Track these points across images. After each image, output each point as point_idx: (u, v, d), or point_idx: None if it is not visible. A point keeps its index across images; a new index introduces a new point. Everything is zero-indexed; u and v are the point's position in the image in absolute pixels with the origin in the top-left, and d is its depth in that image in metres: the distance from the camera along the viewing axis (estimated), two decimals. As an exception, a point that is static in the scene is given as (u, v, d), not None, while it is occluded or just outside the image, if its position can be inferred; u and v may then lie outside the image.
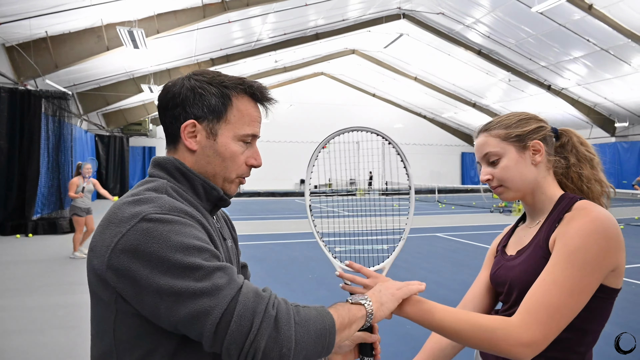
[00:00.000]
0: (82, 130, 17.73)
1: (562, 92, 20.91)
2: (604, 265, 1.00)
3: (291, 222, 12.74)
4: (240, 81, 1.00)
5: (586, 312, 1.03)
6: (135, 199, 0.86)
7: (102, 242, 0.83)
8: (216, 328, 0.77)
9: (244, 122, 0.98)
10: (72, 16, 10.41)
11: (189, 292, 0.77)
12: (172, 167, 0.96)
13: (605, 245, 1.00)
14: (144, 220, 0.81)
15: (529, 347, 0.96)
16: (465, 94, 25.12)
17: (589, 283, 0.99)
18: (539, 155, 1.17)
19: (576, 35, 15.31)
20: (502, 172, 1.17)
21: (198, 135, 0.96)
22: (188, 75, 0.99)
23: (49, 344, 3.80)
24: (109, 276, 0.81)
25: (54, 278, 6.04)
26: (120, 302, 0.83)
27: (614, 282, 1.05)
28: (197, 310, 0.77)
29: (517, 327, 0.98)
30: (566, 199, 1.14)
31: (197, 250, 0.81)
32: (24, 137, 10.68)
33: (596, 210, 1.05)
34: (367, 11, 17.08)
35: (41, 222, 10.38)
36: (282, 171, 28.55)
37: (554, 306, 0.97)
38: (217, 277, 0.80)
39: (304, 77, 28.30)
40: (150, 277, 0.78)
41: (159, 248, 0.79)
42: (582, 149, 1.22)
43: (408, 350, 3.64)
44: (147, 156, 25.98)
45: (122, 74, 16.43)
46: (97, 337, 0.89)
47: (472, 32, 17.62)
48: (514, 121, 1.20)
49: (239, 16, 13.38)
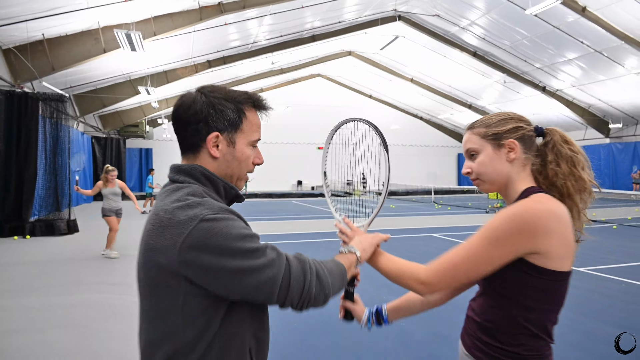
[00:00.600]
0: (78, 132, 17.72)
1: (557, 94, 21.06)
2: (513, 244, 1.15)
3: (288, 223, 12.80)
4: (248, 96, 1.20)
5: (527, 289, 1.19)
6: (184, 204, 1.05)
7: (164, 242, 1.02)
8: (280, 288, 1.04)
9: (253, 130, 1.19)
10: (69, 19, 10.44)
11: (253, 268, 1.02)
12: (198, 173, 1.14)
13: (517, 227, 1.15)
14: (202, 221, 1.01)
15: (423, 285, 1.24)
16: (461, 95, 25.25)
17: (491, 255, 1.17)
18: (513, 153, 1.28)
19: (570, 37, 15.45)
20: (479, 167, 1.32)
21: (220, 144, 1.15)
22: (202, 92, 1.16)
23: (49, 343, 3.85)
24: (180, 267, 1.00)
25: (52, 279, 6.08)
26: (187, 286, 1.02)
27: (550, 264, 1.17)
28: (264, 279, 1.02)
29: (422, 269, 1.25)
30: (527, 191, 1.25)
31: (250, 237, 1.05)
32: (21, 140, 10.70)
33: (537, 201, 1.19)
34: (363, 13, 17.18)
35: (39, 223, 10.40)
36: (279, 172, 28.58)
37: (452, 262, 1.21)
38: (269, 253, 1.06)
39: (301, 79, 28.38)
40: (220, 263, 0.99)
41: (222, 241, 1.00)
42: (563, 148, 1.30)
43: (401, 346, 3.71)
44: (144, 158, 25.92)
45: (119, 76, 16.45)
46: (160, 321, 1.06)
47: (467, 34, 17.74)
48: (495, 121, 1.33)
49: (235, 18, 13.45)
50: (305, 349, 3.75)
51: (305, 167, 29.16)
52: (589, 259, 7.32)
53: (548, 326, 1.25)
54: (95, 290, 5.52)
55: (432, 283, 1.23)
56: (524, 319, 1.21)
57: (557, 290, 1.22)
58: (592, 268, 6.68)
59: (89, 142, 20.28)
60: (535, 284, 1.19)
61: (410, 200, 22.81)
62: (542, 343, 1.24)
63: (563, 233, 1.17)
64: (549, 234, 1.15)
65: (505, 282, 1.22)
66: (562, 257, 1.18)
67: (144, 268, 1.07)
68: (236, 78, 22.25)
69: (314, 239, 9.59)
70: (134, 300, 5.41)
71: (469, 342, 1.33)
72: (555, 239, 1.16)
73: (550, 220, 1.16)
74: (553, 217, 1.16)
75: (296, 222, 13.07)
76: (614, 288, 5.58)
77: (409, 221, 12.89)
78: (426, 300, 1.53)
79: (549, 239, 1.15)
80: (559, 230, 1.16)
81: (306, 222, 13.20)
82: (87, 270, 6.58)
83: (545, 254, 1.16)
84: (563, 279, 1.21)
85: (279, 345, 3.79)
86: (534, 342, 1.23)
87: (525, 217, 1.15)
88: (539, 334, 1.23)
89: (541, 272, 1.18)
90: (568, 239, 1.19)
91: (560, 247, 1.17)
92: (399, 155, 29.62)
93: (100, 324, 4.32)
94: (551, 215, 1.16)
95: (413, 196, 25.79)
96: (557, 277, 1.19)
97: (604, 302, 5.00)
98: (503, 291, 1.24)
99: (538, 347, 1.23)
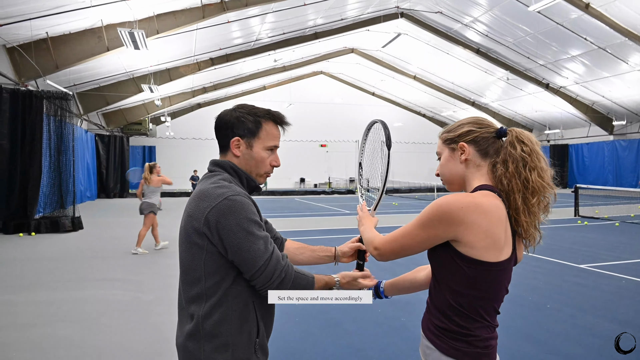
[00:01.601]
0: (82, 130, 17.81)
1: (561, 91, 20.99)
2: (434, 227, 1.31)
3: (291, 221, 12.85)
4: (267, 112, 1.58)
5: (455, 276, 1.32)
6: (217, 185, 1.42)
7: (198, 210, 1.39)
8: (254, 273, 1.39)
9: (269, 138, 1.55)
10: (72, 17, 10.49)
11: (245, 248, 1.37)
12: (227, 166, 1.53)
13: (437, 214, 1.30)
14: (226, 199, 1.38)
15: (375, 250, 1.47)
16: (464, 92, 25.20)
17: (420, 236, 1.34)
18: (464, 154, 1.42)
19: (574, 34, 15.40)
20: (440, 168, 1.51)
21: (241, 147, 1.53)
22: (234, 108, 1.57)
23: (56, 337, 3.92)
24: (204, 230, 1.38)
25: (58, 275, 6.15)
26: (209, 245, 1.39)
27: (472, 252, 1.28)
28: (247, 259, 1.38)
29: (378, 238, 1.48)
30: (477, 188, 1.37)
31: (255, 222, 1.41)
32: (25, 137, 10.77)
33: (468, 194, 1.34)
34: (365, 10, 17.17)
35: (43, 220, 10.49)
36: (282, 170, 28.48)
37: (396, 237, 1.41)
38: (260, 244, 1.39)
39: (304, 76, 28.38)
40: (229, 233, 1.36)
41: (236, 217, 1.37)
42: (515, 149, 1.36)
43: (401, 341, 3.75)
44: (147, 155, 26.00)
45: (122, 74, 16.52)
46: (192, 269, 1.43)
47: (470, 31, 17.71)
48: (454, 127, 1.48)
49: (237, 16, 13.47)
50: (309, 344, 3.80)
51: (308, 164, 29.20)
52: (590, 257, 7.34)
53: (481, 311, 1.34)
54: (100, 286, 5.59)
55: (381, 250, 1.44)
56: (456, 302, 1.33)
57: (485, 279, 1.30)
58: (592, 265, 6.70)
59: (93, 140, 20.38)
60: (462, 271, 1.30)
61: (413, 198, 22.82)
62: (477, 324, 1.33)
63: (486, 226, 1.26)
64: (469, 225, 1.26)
65: (440, 267, 1.37)
66: (485, 248, 1.27)
67: (184, 229, 1.44)
68: (239, 76, 22.27)
69: (317, 236, 9.63)
70: (137, 296, 5.50)
71: (424, 324, 1.46)
72: (476, 230, 1.26)
73: (470, 212, 1.26)
74: (476, 210, 1.26)
75: (299, 220, 13.12)
76: (615, 285, 5.60)
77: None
78: (413, 278, 1.71)
79: (469, 229, 1.26)
80: (481, 222, 1.26)
81: (309, 220, 13.25)
82: (92, 267, 6.65)
83: (467, 243, 1.28)
84: (490, 268, 1.29)
85: (283, 340, 3.84)
86: (468, 322, 1.33)
87: (446, 207, 1.28)
88: (471, 316, 1.33)
89: (466, 260, 1.29)
90: (493, 232, 1.27)
91: (483, 238, 1.26)
92: (401, 152, 29.62)
93: (104, 319, 4.39)
94: (475, 207, 1.27)
95: (415, 193, 25.79)
96: (483, 266, 1.28)
97: (604, 299, 5.03)
98: (438, 275, 1.38)
99: (472, 327, 1.32)
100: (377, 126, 1.79)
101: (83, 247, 8.35)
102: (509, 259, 1.32)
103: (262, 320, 1.49)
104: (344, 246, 1.82)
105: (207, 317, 1.41)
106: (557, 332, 4.01)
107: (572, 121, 25.05)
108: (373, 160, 1.88)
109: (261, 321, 1.49)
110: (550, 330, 4.05)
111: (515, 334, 3.92)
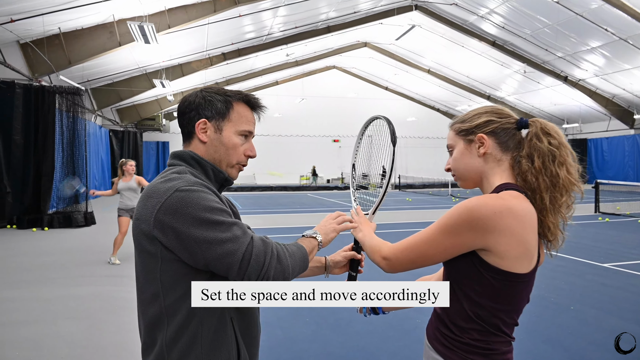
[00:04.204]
0: (96, 126, 17.92)
1: (579, 84, 20.45)
2: (462, 235, 1.13)
3: (304, 216, 12.73)
4: (239, 92, 1.33)
5: (478, 286, 1.16)
6: (166, 178, 1.17)
7: (145, 210, 1.13)
8: (240, 263, 1.09)
9: (242, 121, 1.30)
10: (84, 12, 10.48)
11: (217, 240, 1.09)
12: (188, 157, 1.27)
13: (467, 220, 1.12)
14: (177, 191, 1.11)
15: (385, 260, 1.28)
16: (480, 86, 24.75)
17: (444, 242, 1.16)
18: (483, 147, 1.25)
19: (594, 25, 14.92)
20: (453, 163, 1.33)
21: (208, 130, 1.27)
22: (201, 89, 1.33)
23: (59, 334, 3.84)
24: (156, 233, 1.11)
25: (67, 270, 6.12)
26: (164, 252, 1.13)
27: (502, 264, 1.12)
28: (225, 252, 1.09)
29: (387, 246, 1.30)
30: (500, 187, 1.20)
31: (219, 210, 1.13)
32: (38, 133, 10.83)
33: (498, 197, 1.15)
34: (378, 3, 16.89)
35: (57, 215, 10.54)
36: (294, 165, 28.55)
37: (411, 245, 1.23)
38: (235, 229, 1.12)
39: (316, 71, 28.18)
40: (188, 230, 1.08)
41: (192, 210, 1.09)
42: (541, 141, 1.21)
43: (414, 344, 3.59)
44: (161, 151, 26.19)
45: (135, 70, 16.54)
46: (147, 283, 1.17)
47: (486, 23, 17.30)
48: (469, 116, 1.31)
49: (249, 9, 13.33)
50: (319, 345, 3.66)
51: (320, 159, 29.04)
52: (613, 255, 7.06)
53: (501, 324, 1.19)
54: (108, 283, 5.52)
55: (391, 260, 1.27)
56: (475, 314, 1.18)
57: (509, 291, 1.16)
58: (616, 264, 6.43)
59: (107, 135, 20.52)
60: (486, 282, 1.15)
61: (427, 194, 22.52)
62: (496, 339, 1.19)
63: (520, 233, 1.11)
64: (502, 232, 1.10)
65: (458, 276, 1.20)
66: (517, 258, 1.13)
67: (134, 236, 1.20)
68: (251, 70, 22.18)
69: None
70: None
71: (430, 332, 1.33)
72: (509, 239, 1.11)
73: (504, 218, 1.10)
74: (510, 215, 1.11)
75: (312, 215, 13.00)
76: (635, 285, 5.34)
77: (426, 214, 12.67)
78: None
79: (502, 237, 1.10)
80: (515, 230, 1.11)
81: (322, 215, 13.11)
82: (101, 263, 6.61)
83: (498, 253, 1.12)
84: (517, 280, 1.15)
85: (291, 341, 3.71)
86: (485, 336, 1.18)
87: (477, 212, 1.11)
88: (490, 329, 1.18)
89: (493, 271, 1.14)
90: (526, 239, 1.12)
91: (516, 247, 1.12)
92: (414, 147, 29.27)
93: (109, 317, 4.31)
94: (509, 212, 1.11)
95: (430, 189, 25.48)
96: (510, 277, 1.14)
97: (630, 300, 4.78)
98: (456, 284, 1.21)
99: (490, 341, 1.19)
100: (378, 122, 1.62)
101: (94, 243, 8.34)
102: (535, 266, 1.19)
103: (243, 338, 1.23)
104: (335, 255, 1.60)
105: (173, 344, 1.14)
106: (583, 336, 3.79)
107: (591, 115, 24.44)
108: (371, 157, 1.72)
109: (242, 340, 1.22)
110: (575, 334, 3.83)
111: (538, 338, 3.72)
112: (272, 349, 3.52)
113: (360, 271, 1.56)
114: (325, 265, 1.59)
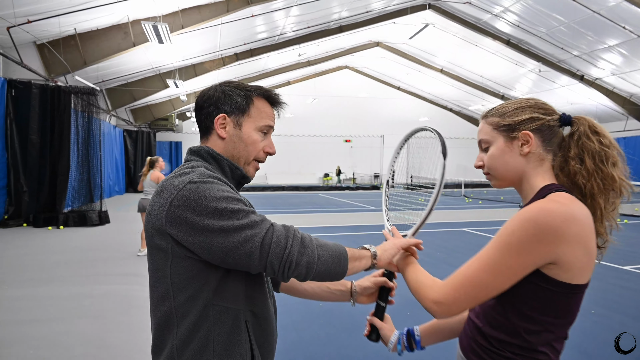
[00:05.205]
0: (110, 126, 18.11)
1: (596, 83, 20.08)
2: (532, 251, 1.00)
3: (316, 216, 12.68)
4: (259, 87, 1.29)
5: (533, 300, 1.05)
6: (179, 173, 1.15)
7: (158, 205, 1.10)
8: (260, 249, 1.04)
9: (262, 116, 1.26)
10: (99, 13, 10.58)
11: (234, 227, 1.05)
12: (204, 152, 1.23)
13: (535, 233, 0.99)
14: (190, 183, 1.08)
15: (437, 304, 1.08)
16: (493, 85, 24.46)
17: (511, 265, 1.01)
18: (527, 146, 1.14)
19: (611, 23, 14.62)
20: (489, 160, 1.21)
21: (227, 126, 1.24)
22: (220, 83, 1.28)
23: (73, 333, 3.85)
24: (168, 228, 1.07)
25: (82, 269, 6.15)
26: (174, 248, 1.08)
27: (564, 276, 1.02)
28: (243, 239, 1.04)
29: (437, 286, 1.11)
30: (545, 189, 1.11)
31: (234, 199, 1.09)
32: (54, 132, 10.96)
33: (556, 201, 1.03)
34: (391, 2, 16.78)
35: (72, 214, 10.64)
36: (306, 165, 28.53)
37: (468, 277, 1.05)
38: (253, 216, 1.08)
39: (328, 71, 28.12)
40: (203, 221, 1.04)
41: (206, 201, 1.05)
42: (591, 141, 1.13)
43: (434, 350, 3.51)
44: (174, 151, 26.36)
45: (149, 70, 16.67)
46: (157, 282, 1.14)
47: (500, 22, 17.08)
48: (510, 110, 1.18)
49: (262, 9, 13.34)
50: (334, 349, 3.61)
51: (332, 160, 28.97)
52: (634, 258, 6.89)
53: (551, 340, 1.09)
54: (122, 282, 5.54)
55: (446, 302, 1.07)
56: (524, 330, 1.07)
57: (568, 304, 1.06)
58: (637, 267, 6.27)
59: (121, 135, 20.73)
60: (544, 295, 1.04)
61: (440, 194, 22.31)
62: (538, 356, 1.08)
63: (585, 241, 1.01)
64: (570, 241, 1.00)
65: (509, 290, 1.08)
66: (582, 268, 1.03)
67: (146, 232, 1.16)
68: (263, 71, 22.22)
69: (342, 232, 9.44)
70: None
71: (465, 343, 1.21)
72: (575, 248, 1.00)
73: (572, 225, 1.00)
74: (575, 221, 1.01)
75: (324, 215, 12.95)
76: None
77: (439, 215, 12.55)
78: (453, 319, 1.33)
79: (569, 247, 1.00)
80: (582, 237, 1.01)
81: (334, 215, 13.05)
82: (115, 261, 6.64)
83: (564, 265, 1.01)
84: (577, 292, 1.06)
85: (305, 343, 3.67)
86: (527, 352, 1.08)
87: (544, 221, 0.99)
88: (537, 348, 1.07)
89: (553, 284, 1.03)
90: (590, 247, 1.03)
91: (582, 257, 1.02)
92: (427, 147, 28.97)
93: (122, 316, 4.31)
94: (573, 218, 1.01)
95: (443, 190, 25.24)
96: (571, 289, 1.04)
97: (652, 304, 4.65)
98: (505, 297, 1.08)
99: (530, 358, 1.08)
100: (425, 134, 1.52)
101: (108, 242, 8.39)
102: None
103: (258, 344, 1.17)
104: (364, 280, 1.43)
105: (184, 347, 1.10)
106: (606, 342, 3.68)
107: (607, 114, 23.99)
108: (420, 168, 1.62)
109: (257, 346, 1.16)
110: (597, 339, 3.72)
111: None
112: (287, 352, 3.48)
113: (391, 302, 1.37)
114: (351, 290, 1.45)
